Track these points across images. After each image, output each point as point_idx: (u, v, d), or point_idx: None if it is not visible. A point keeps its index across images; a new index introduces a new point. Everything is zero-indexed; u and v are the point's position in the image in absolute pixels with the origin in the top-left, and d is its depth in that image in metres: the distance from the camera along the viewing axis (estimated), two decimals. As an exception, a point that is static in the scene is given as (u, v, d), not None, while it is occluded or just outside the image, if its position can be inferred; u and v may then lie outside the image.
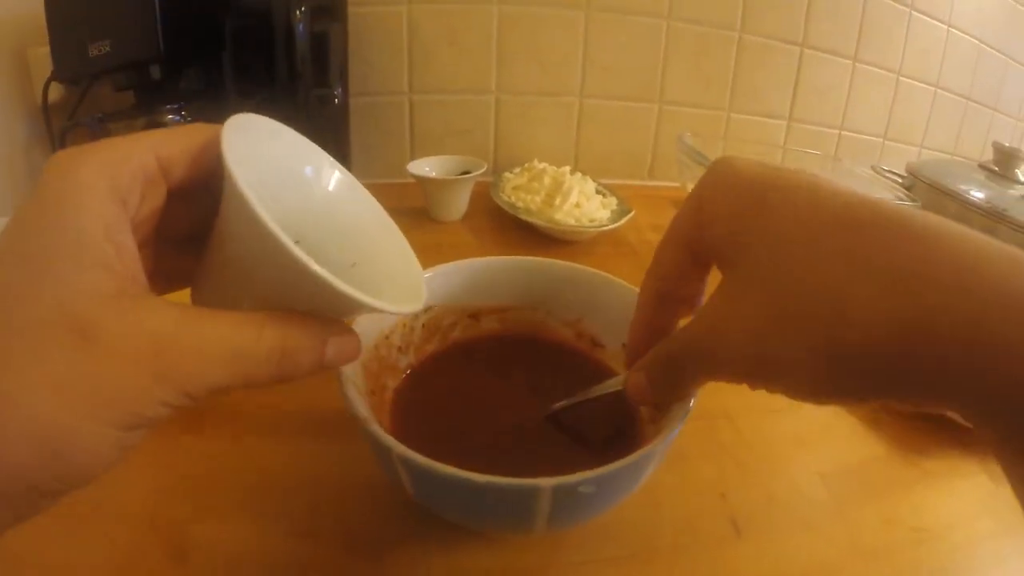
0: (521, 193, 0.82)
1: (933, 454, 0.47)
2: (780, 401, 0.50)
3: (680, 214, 0.29)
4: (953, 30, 1.13)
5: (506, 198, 0.80)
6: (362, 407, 0.30)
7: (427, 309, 0.42)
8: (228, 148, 0.22)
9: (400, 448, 0.27)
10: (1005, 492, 0.43)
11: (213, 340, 0.20)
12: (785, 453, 0.46)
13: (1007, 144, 0.88)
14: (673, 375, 0.29)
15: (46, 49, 0.72)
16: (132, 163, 0.22)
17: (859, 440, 0.48)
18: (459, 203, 0.83)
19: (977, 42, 1.17)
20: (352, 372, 0.32)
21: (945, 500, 0.42)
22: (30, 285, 0.18)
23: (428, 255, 0.74)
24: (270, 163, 0.26)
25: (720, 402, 0.50)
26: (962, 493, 0.43)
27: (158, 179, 0.23)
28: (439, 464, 0.25)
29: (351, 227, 0.30)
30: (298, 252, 0.20)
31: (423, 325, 0.43)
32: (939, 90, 1.18)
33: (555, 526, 0.29)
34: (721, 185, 0.26)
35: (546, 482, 0.25)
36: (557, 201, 0.76)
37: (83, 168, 0.20)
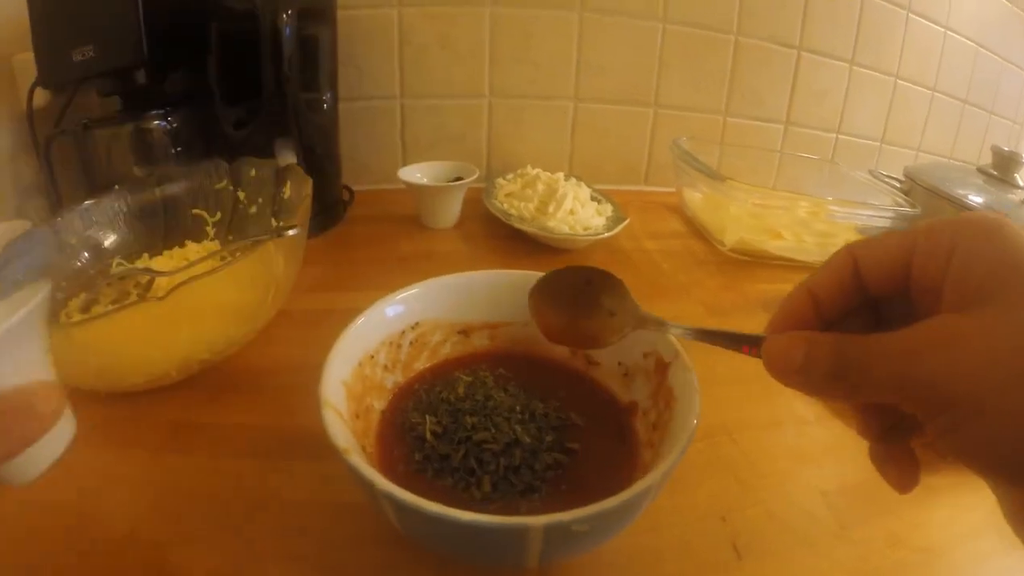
0: (514, 200, 0.80)
1: (937, 469, 0.45)
2: (781, 415, 0.50)
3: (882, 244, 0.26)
4: (950, 33, 1.12)
5: (499, 205, 0.79)
6: (342, 436, 0.29)
7: (414, 326, 0.41)
8: None
9: (382, 483, 0.25)
10: (1010, 508, 0.42)
11: None
12: (787, 470, 0.45)
13: (1005, 148, 0.87)
14: (844, 372, 0.23)
15: (31, 55, 0.71)
16: None
17: (862, 456, 0.46)
18: (451, 210, 0.81)
19: (974, 45, 1.16)
20: (334, 395, 0.31)
21: (949, 516, 0.41)
22: None
23: (419, 264, 0.75)
24: None
25: (720, 417, 0.48)
26: (966, 508, 0.42)
27: None
28: (424, 501, 0.24)
29: None
30: None
31: (411, 343, 0.41)
32: (936, 93, 1.17)
33: (547, 562, 0.27)
34: (984, 236, 0.23)
35: (536, 521, 0.23)
36: (551, 208, 0.74)
37: None
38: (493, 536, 0.24)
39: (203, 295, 0.42)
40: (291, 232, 0.47)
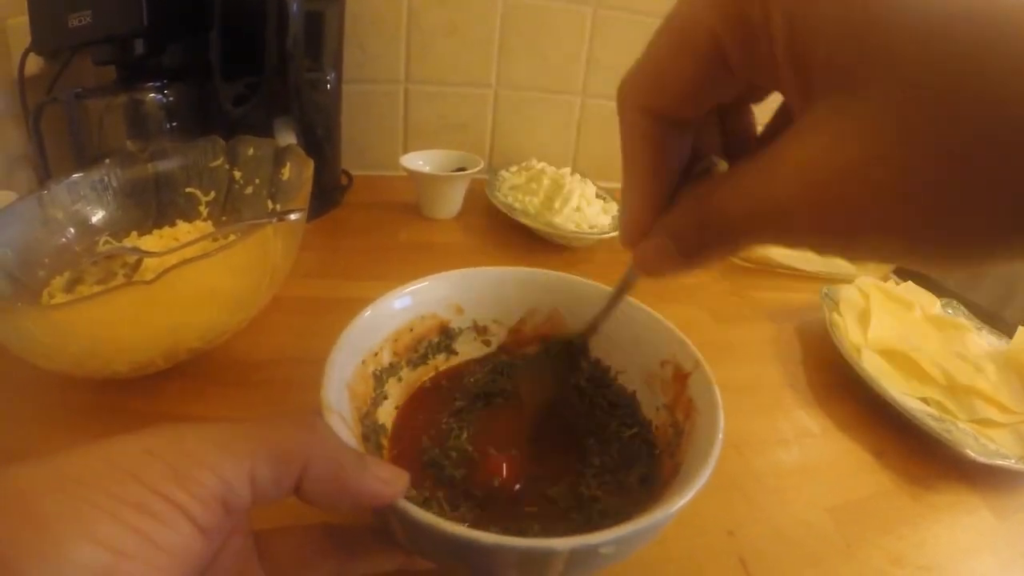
0: (519, 194, 0.78)
1: (938, 487, 0.46)
2: (787, 432, 0.49)
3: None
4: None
5: (503, 198, 0.77)
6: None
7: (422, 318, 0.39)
8: None
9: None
10: (1006, 528, 0.42)
11: None
12: (792, 485, 0.45)
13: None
14: (720, 235, 0.20)
15: (25, 19, 0.68)
16: None
17: (866, 472, 0.47)
18: (453, 201, 0.79)
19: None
20: (336, 399, 0.29)
21: (949, 535, 0.42)
22: None
23: (418, 254, 0.72)
24: None
25: (727, 429, 0.47)
26: (965, 528, 0.43)
27: None
28: (440, 520, 0.22)
29: None
30: None
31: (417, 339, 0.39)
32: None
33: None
34: None
35: (563, 544, 0.21)
36: (557, 204, 0.73)
37: None
38: (515, 558, 0.22)
39: (195, 280, 0.39)
40: (293, 216, 0.45)
